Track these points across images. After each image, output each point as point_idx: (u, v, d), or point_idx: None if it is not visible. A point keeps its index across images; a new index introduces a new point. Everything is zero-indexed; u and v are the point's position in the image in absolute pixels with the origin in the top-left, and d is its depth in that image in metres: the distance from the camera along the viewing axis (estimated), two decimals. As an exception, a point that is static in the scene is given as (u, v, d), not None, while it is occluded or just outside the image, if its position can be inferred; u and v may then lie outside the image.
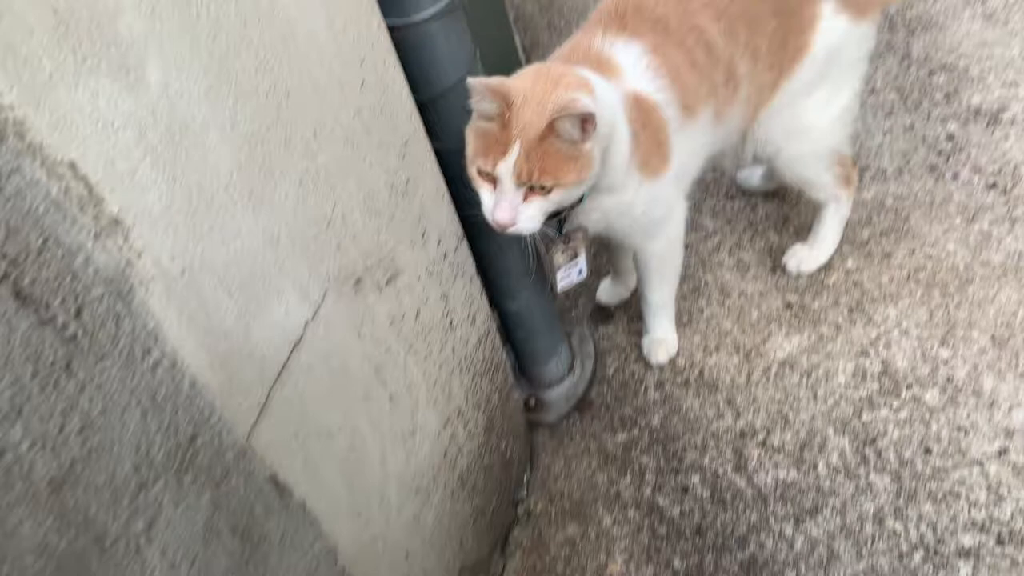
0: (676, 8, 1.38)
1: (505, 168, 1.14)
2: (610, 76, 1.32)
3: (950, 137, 1.98)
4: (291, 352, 0.88)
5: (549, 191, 1.17)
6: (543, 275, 1.56)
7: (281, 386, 0.86)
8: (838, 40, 1.47)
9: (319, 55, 0.92)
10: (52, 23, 0.61)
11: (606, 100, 1.22)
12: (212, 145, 0.76)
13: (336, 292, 0.95)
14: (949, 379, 1.54)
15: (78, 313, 0.64)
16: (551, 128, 1.12)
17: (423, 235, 1.16)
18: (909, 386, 1.55)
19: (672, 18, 1.37)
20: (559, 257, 1.41)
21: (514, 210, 1.17)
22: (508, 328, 1.60)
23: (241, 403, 0.81)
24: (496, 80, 1.15)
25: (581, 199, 1.30)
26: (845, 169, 1.68)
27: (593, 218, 1.39)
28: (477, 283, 1.35)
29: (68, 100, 0.62)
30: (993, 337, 1.58)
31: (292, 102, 0.88)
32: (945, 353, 1.58)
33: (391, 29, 1.17)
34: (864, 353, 1.63)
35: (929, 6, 2.32)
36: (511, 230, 1.19)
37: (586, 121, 1.11)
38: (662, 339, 1.73)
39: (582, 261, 1.44)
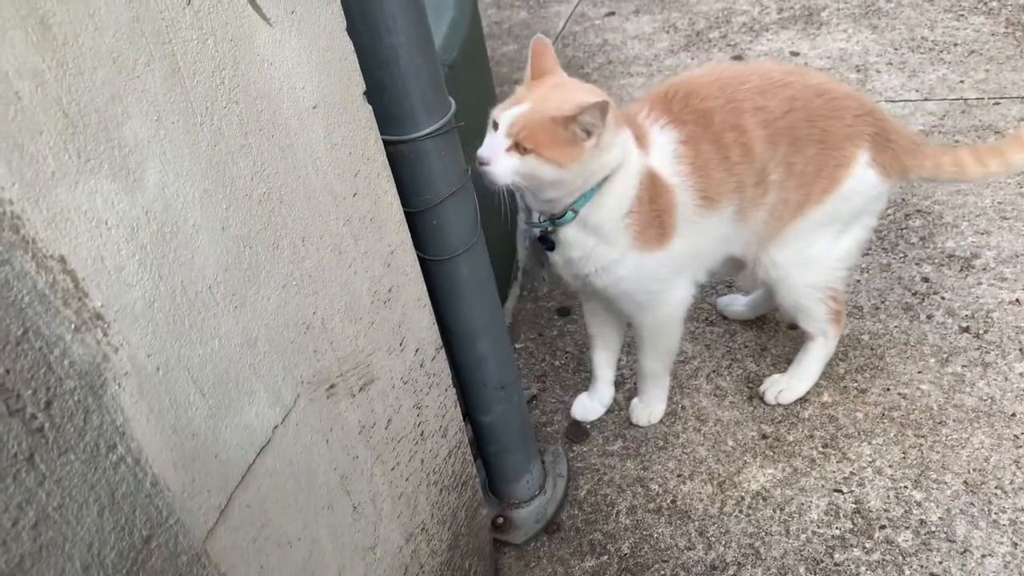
0: (725, 105, 1.47)
1: (506, 117, 1.35)
2: (642, 149, 1.44)
3: (925, 279, 2.04)
4: (257, 455, 0.87)
5: (526, 153, 1.33)
6: (519, 389, 1.57)
7: (244, 490, 0.85)
8: (863, 188, 1.55)
9: (315, 165, 0.95)
10: (62, 125, 0.63)
11: (628, 145, 1.41)
12: (201, 246, 0.78)
13: (308, 397, 0.95)
14: (922, 522, 1.53)
15: (48, 405, 0.63)
16: (572, 118, 1.29)
17: (401, 343, 1.16)
18: (882, 527, 1.54)
19: (718, 113, 1.46)
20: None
21: (494, 152, 1.34)
22: (480, 442, 1.59)
23: (201, 505, 0.79)
24: (547, 55, 1.43)
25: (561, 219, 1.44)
26: (838, 306, 1.72)
27: (573, 255, 1.48)
28: (452, 394, 1.35)
29: (67, 198, 0.64)
30: (966, 482, 1.58)
31: (284, 208, 0.90)
32: (918, 495, 1.57)
33: (388, 143, 1.22)
34: (838, 490, 1.62)
35: (905, 154, 2.43)
36: (486, 169, 1.35)
37: (604, 112, 1.28)
38: (647, 405, 1.81)
39: (545, 273, 1.64)
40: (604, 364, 1.83)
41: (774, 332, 1.99)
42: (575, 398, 1.91)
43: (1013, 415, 1.68)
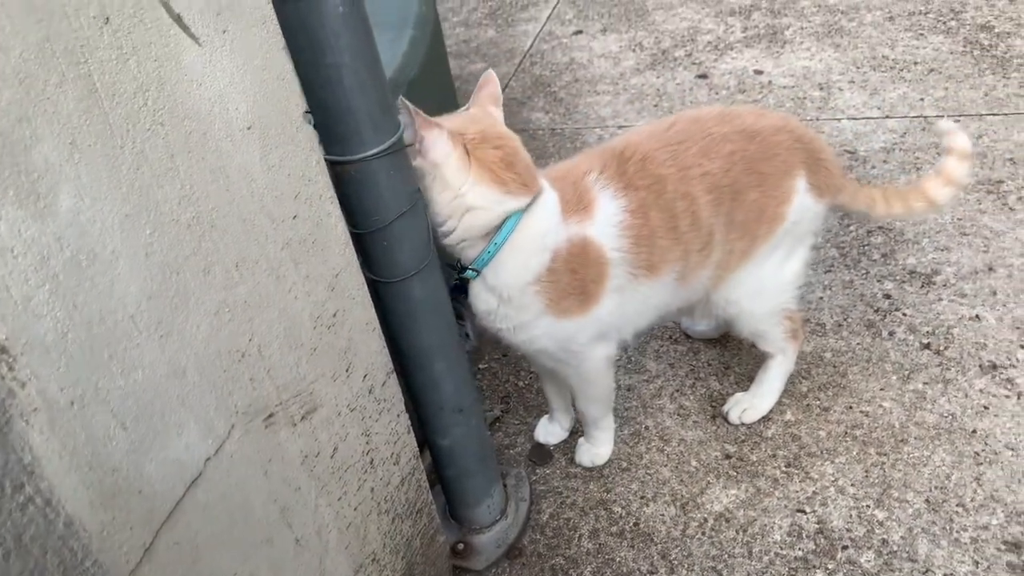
0: (676, 172, 1.43)
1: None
2: (580, 214, 1.37)
3: (887, 295, 2.04)
4: (187, 490, 0.84)
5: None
6: (479, 412, 1.54)
7: (171, 527, 0.81)
8: (803, 213, 1.56)
9: (249, 188, 0.92)
10: (-41, 148, 0.60)
11: (540, 209, 1.35)
12: (121, 273, 0.75)
13: (244, 427, 0.92)
14: (884, 542, 1.51)
15: (-57, 444, 0.60)
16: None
17: (348, 368, 1.13)
18: (844, 547, 1.52)
19: (671, 181, 1.42)
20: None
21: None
22: (439, 466, 1.56)
23: (123, 545, 0.76)
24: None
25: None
26: (793, 324, 1.71)
27: (480, 307, 1.42)
28: (404, 420, 1.32)
29: (-36, 224, 0.61)
30: (928, 500, 1.57)
31: (216, 233, 0.87)
32: (880, 514, 1.56)
33: (334, 164, 1.20)
34: (800, 510, 1.60)
35: (868, 170, 2.45)
36: None
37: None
38: (592, 446, 1.77)
39: (469, 329, 1.49)
40: (555, 395, 1.80)
41: (737, 350, 1.98)
42: (539, 420, 1.89)
43: (974, 432, 1.67)
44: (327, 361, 1.09)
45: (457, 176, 1.30)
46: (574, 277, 1.36)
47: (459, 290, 1.42)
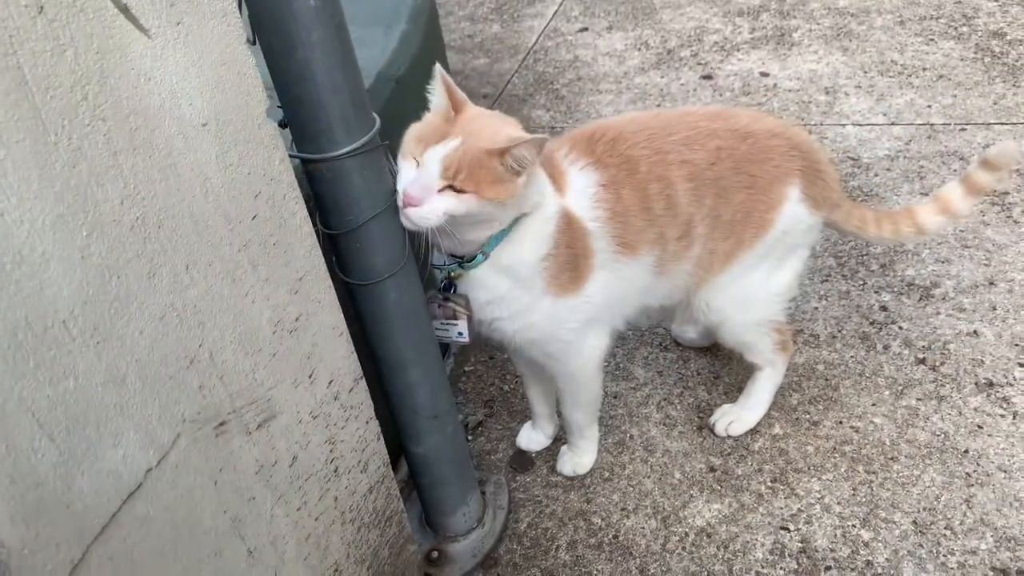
0: (651, 154, 1.41)
1: (434, 155, 1.20)
2: (559, 189, 1.36)
3: (883, 308, 1.99)
4: (123, 503, 0.80)
5: (462, 193, 1.20)
6: (454, 419, 1.50)
7: (105, 541, 0.78)
8: (795, 224, 1.51)
9: (203, 187, 0.89)
10: None
11: (546, 184, 1.33)
12: (52, 277, 0.71)
13: (191, 436, 0.88)
14: (868, 563, 1.47)
15: None
16: (504, 152, 1.19)
17: (311, 375, 1.10)
18: (828, 568, 1.48)
19: (644, 162, 1.40)
20: (434, 308, 1.39)
21: (425, 192, 1.19)
22: (414, 473, 1.52)
23: (47, 562, 0.72)
24: (456, 87, 1.27)
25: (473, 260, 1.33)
26: (782, 335, 1.67)
27: (480, 297, 1.37)
28: (374, 426, 1.28)
29: None
30: (915, 522, 1.52)
31: (163, 234, 0.84)
32: (866, 535, 1.52)
33: (306, 162, 1.16)
34: (784, 528, 1.56)
35: (870, 178, 2.39)
36: (412, 213, 1.20)
37: (540, 149, 1.20)
38: (574, 455, 1.74)
39: (463, 327, 1.40)
40: (539, 401, 1.76)
41: (728, 360, 1.93)
42: (522, 425, 1.85)
43: (966, 452, 1.62)
44: (287, 367, 1.05)
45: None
46: (568, 251, 1.35)
47: (449, 288, 1.38)
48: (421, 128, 1.26)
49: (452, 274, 1.36)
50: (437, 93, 1.28)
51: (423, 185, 1.20)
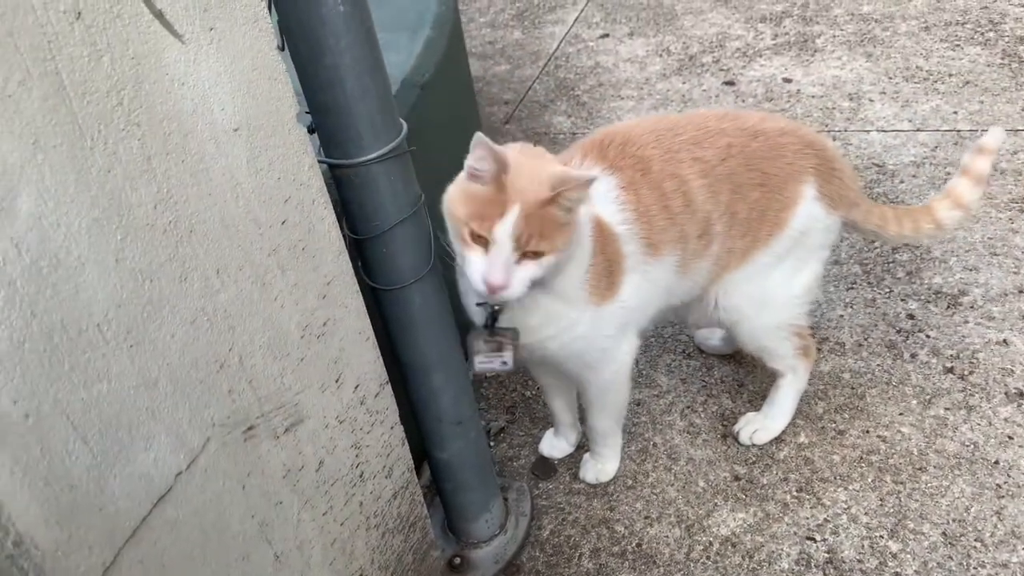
0: (662, 154, 1.40)
1: (503, 230, 1.14)
2: None
3: (910, 316, 1.97)
4: (154, 506, 0.80)
5: (539, 256, 1.17)
6: (478, 424, 1.50)
7: (136, 544, 0.78)
8: (811, 223, 1.50)
9: (234, 192, 0.89)
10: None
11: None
12: (88, 280, 0.72)
13: (221, 440, 0.89)
14: (897, 575, 1.45)
15: None
16: (556, 197, 1.14)
17: (338, 379, 1.10)
18: (855, 579, 1.46)
19: (656, 161, 1.40)
20: (480, 344, 1.36)
21: (509, 272, 1.16)
22: (437, 479, 1.52)
23: (80, 564, 0.72)
24: (497, 147, 1.16)
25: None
26: (804, 340, 1.65)
27: (531, 322, 1.35)
28: (399, 432, 1.28)
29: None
30: (945, 533, 1.50)
31: (195, 238, 0.84)
32: (894, 546, 1.50)
33: (334, 167, 1.16)
34: (810, 538, 1.54)
35: (896, 185, 2.37)
36: (503, 294, 1.17)
37: (586, 188, 1.16)
38: (597, 462, 1.72)
39: (508, 357, 1.37)
40: (562, 410, 1.76)
41: (752, 368, 1.92)
42: (544, 432, 1.84)
43: (996, 463, 1.60)
44: (315, 372, 1.05)
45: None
46: (602, 258, 1.34)
47: (494, 321, 1.35)
48: (470, 201, 1.18)
49: (496, 308, 1.33)
50: (477, 158, 1.17)
51: (503, 266, 1.16)
